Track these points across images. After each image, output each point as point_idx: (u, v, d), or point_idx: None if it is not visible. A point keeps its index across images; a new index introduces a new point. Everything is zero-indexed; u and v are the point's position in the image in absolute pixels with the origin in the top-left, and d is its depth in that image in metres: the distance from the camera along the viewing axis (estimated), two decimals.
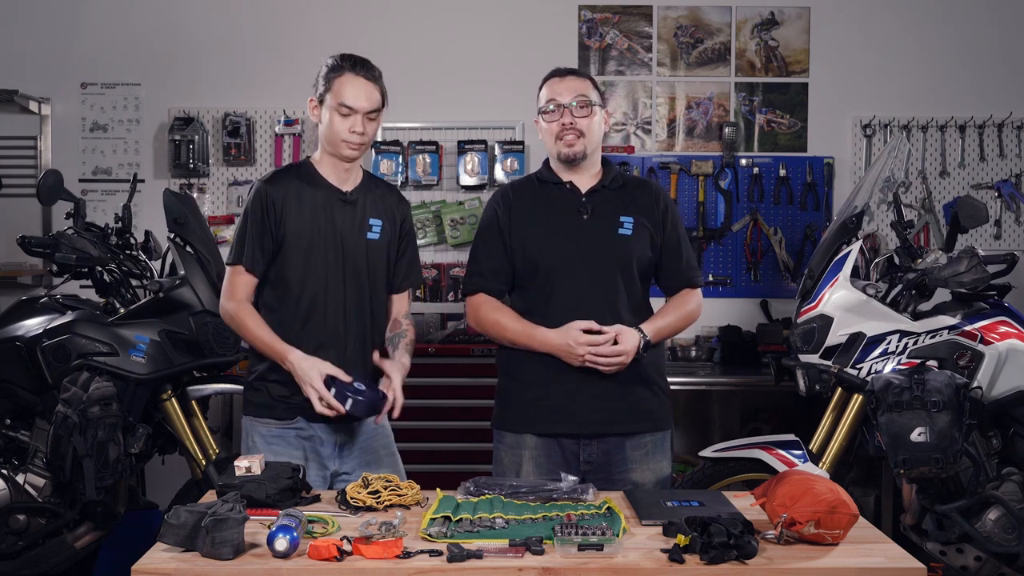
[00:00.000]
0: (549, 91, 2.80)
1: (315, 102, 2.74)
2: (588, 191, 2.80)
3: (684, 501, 2.36)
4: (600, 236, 2.76)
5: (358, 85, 2.69)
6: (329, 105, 2.70)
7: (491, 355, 4.22)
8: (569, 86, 2.78)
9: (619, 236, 2.77)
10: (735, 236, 4.85)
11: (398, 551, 2.00)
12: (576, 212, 2.78)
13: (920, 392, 2.90)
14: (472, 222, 4.74)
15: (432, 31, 4.84)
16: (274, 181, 2.74)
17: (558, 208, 2.80)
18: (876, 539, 2.19)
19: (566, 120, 2.75)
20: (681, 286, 2.86)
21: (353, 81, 2.69)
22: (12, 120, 4.78)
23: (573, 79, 2.80)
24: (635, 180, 2.96)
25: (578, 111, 2.75)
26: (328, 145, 2.73)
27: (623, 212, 2.79)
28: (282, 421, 2.70)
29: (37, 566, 3.17)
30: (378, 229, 2.78)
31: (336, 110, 2.68)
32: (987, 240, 4.82)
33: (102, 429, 2.97)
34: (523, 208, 2.82)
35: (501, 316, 2.80)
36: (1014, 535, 3.01)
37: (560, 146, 2.77)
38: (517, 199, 2.85)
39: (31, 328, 3.29)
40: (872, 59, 4.86)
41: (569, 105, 2.75)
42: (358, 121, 2.68)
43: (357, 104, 2.67)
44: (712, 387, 4.43)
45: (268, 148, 4.82)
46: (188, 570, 1.97)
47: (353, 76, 2.69)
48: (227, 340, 3.38)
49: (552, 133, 2.78)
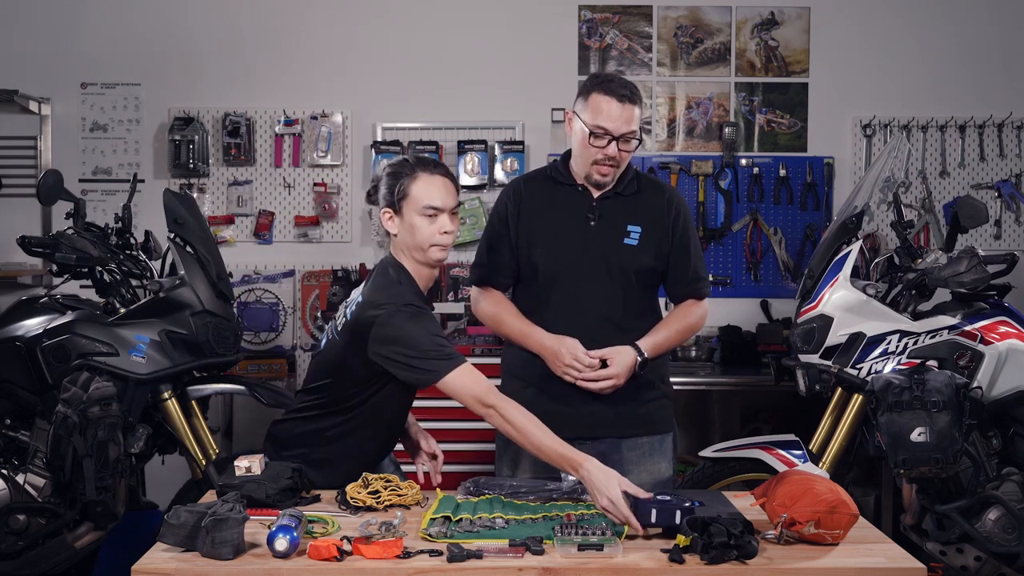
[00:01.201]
0: (601, 111, 2.64)
1: (390, 212, 2.57)
2: (600, 196, 2.77)
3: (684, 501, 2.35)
4: (605, 244, 2.74)
5: (442, 185, 2.56)
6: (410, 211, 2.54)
7: (491, 355, 4.26)
8: (625, 116, 2.64)
9: (624, 246, 2.74)
10: (735, 236, 4.85)
11: (398, 551, 2.00)
12: (584, 217, 2.76)
13: (920, 392, 2.90)
14: (472, 222, 4.75)
15: (432, 31, 4.84)
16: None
17: (566, 210, 2.78)
18: (876, 539, 2.19)
19: (610, 152, 2.66)
20: (686, 296, 2.84)
21: (436, 182, 2.56)
22: (12, 120, 4.78)
23: (630, 108, 2.65)
24: (652, 184, 2.87)
25: (623, 144, 2.67)
26: (416, 252, 2.57)
27: (632, 220, 2.76)
28: None
29: (37, 566, 3.17)
30: None
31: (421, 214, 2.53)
32: (987, 240, 4.82)
33: (102, 429, 2.97)
34: (532, 206, 2.81)
35: (501, 311, 2.80)
36: (1014, 535, 3.01)
37: (594, 171, 2.70)
38: (528, 196, 2.83)
39: (31, 328, 3.29)
40: (872, 59, 4.86)
41: (618, 138, 2.66)
42: (447, 221, 2.56)
43: (444, 204, 2.55)
44: (712, 387, 4.42)
45: (268, 148, 4.82)
46: (188, 570, 1.97)
47: (429, 175, 2.56)
48: (227, 340, 3.38)
49: (590, 156, 2.69)
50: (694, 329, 2.84)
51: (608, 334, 2.71)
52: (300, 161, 4.83)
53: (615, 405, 2.71)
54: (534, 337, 2.72)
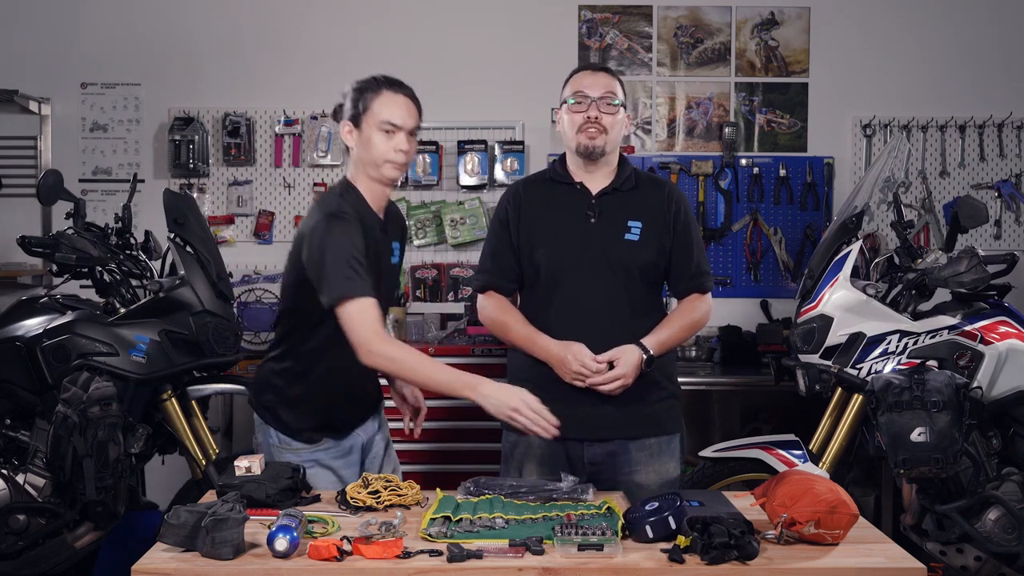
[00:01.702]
0: (577, 83, 2.78)
1: (349, 126, 2.61)
2: (599, 193, 2.78)
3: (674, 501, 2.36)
4: (606, 240, 2.74)
5: (402, 104, 2.60)
6: (369, 125, 2.57)
7: (491, 355, 4.26)
8: (599, 81, 2.77)
9: (625, 241, 2.74)
10: (735, 236, 4.85)
11: (398, 551, 2.00)
12: (584, 215, 2.76)
13: (920, 392, 2.90)
14: (472, 222, 4.75)
15: (432, 31, 4.84)
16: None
17: (566, 209, 2.78)
18: (876, 539, 2.19)
19: (591, 114, 2.73)
20: (690, 290, 2.82)
21: (397, 100, 2.60)
22: (12, 120, 4.78)
23: (604, 75, 2.79)
24: (651, 180, 2.90)
25: (604, 107, 2.73)
26: (370, 168, 2.60)
27: (632, 216, 2.76)
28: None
29: (37, 566, 3.17)
30: (398, 253, 2.77)
31: (379, 128, 2.57)
32: (987, 240, 4.82)
33: (102, 429, 2.97)
34: (532, 207, 2.81)
35: (507, 318, 2.79)
36: (1014, 535, 3.01)
37: (581, 137, 2.74)
38: (527, 198, 2.83)
39: (31, 328, 3.29)
40: (872, 59, 4.86)
41: (596, 100, 2.74)
42: (403, 139, 2.58)
43: (402, 122, 2.58)
44: (712, 387, 4.42)
45: (268, 148, 4.82)
46: (188, 570, 1.97)
47: (393, 94, 2.60)
48: (227, 340, 3.37)
49: (575, 124, 2.75)
50: (699, 325, 2.83)
51: (612, 332, 2.70)
52: (300, 161, 4.83)
53: (623, 406, 2.70)
54: (540, 344, 2.71)
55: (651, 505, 2.15)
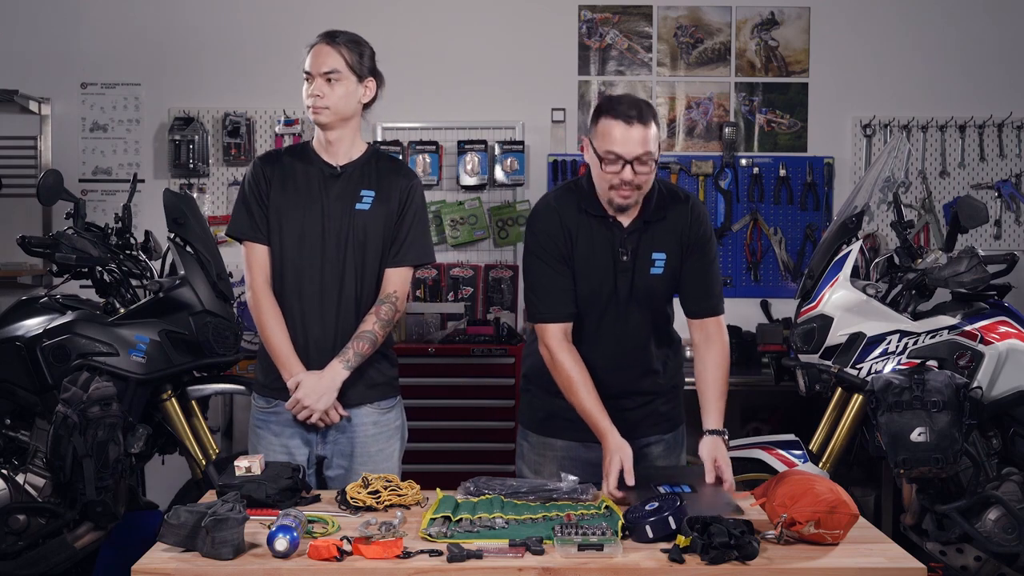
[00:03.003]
0: (609, 137, 2.53)
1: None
2: (630, 228, 2.67)
3: (675, 486, 2.41)
4: (635, 277, 2.67)
5: (316, 51, 2.76)
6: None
7: (491, 355, 4.26)
8: (633, 137, 2.51)
9: (651, 276, 2.68)
10: (735, 236, 4.85)
11: (398, 551, 2.00)
12: (616, 251, 2.67)
13: (920, 392, 2.89)
14: (472, 222, 4.75)
15: (432, 31, 4.84)
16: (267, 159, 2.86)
17: (599, 245, 2.68)
18: (876, 539, 2.19)
19: (626, 176, 2.53)
20: (704, 312, 2.74)
21: (314, 49, 2.77)
22: (12, 120, 4.78)
23: (638, 128, 2.51)
24: (673, 197, 2.73)
25: (639, 167, 2.53)
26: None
27: (657, 248, 2.68)
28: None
29: (37, 566, 3.17)
30: (369, 200, 2.77)
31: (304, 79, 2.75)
32: (987, 240, 4.82)
33: (102, 429, 2.97)
34: (573, 238, 2.69)
35: (576, 375, 2.62)
36: (1014, 535, 3.01)
37: (613, 195, 2.59)
38: (571, 227, 2.68)
39: (31, 328, 3.29)
40: (872, 59, 4.86)
41: (631, 161, 2.53)
42: (316, 84, 2.72)
43: (313, 68, 2.73)
44: None
45: (268, 148, 4.82)
46: (188, 570, 1.97)
47: (315, 45, 2.77)
48: (227, 340, 3.37)
49: (606, 181, 2.58)
50: (728, 355, 2.74)
51: (635, 360, 2.72)
52: None
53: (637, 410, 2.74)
54: (602, 425, 2.57)
55: (651, 505, 2.16)
